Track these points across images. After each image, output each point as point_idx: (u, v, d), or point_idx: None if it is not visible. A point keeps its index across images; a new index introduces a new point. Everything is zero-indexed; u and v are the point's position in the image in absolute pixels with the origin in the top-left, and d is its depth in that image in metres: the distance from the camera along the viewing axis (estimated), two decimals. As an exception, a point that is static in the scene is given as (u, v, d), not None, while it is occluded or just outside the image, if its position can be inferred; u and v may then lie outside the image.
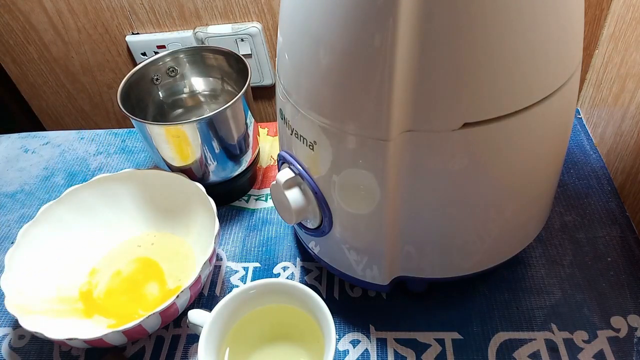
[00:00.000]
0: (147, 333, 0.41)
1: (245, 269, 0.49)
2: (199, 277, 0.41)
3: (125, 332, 0.38)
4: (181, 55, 0.54)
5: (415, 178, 0.33)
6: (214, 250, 0.43)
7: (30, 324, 0.39)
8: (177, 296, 0.39)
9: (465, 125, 0.30)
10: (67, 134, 0.69)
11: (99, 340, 0.38)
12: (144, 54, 0.72)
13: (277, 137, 0.63)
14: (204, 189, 0.48)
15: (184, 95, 0.57)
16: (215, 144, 0.48)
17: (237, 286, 0.48)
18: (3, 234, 0.56)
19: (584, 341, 0.41)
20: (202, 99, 0.58)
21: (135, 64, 0.67)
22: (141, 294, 0.47)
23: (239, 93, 0.47)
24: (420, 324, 0.43)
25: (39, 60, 0.76)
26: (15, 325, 0.47)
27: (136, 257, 0.50)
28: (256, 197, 0.57)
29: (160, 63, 0.54)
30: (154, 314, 0.38)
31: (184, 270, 0.48)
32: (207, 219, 0.47)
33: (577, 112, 0.63)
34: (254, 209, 0.55)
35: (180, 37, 0.69)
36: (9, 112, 0.83)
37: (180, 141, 0.47)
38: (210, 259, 0.42)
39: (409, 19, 0.26)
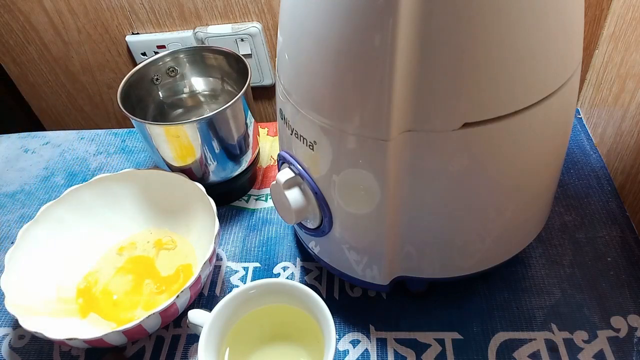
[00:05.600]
0: (147, 333, 0.41)
1: (245, 269, 0.49)
2: (199, 277, 0.41)
3: (125, 332, 0.38)
4: (181, 55, 0.54)
5: (415, 178, 0.33)
6: (214, 250, 0.43)
7: (30, 324, 0.39)
8: (177, 296, 0.39)
9: (465, 125, 0.30)
10: (67, 134, 0.69)
11: (99, 340, 0.38)
12: (144, 54, 0.72)
13: (277, 137, 0.63)
14: (204, 189, 0.48)
15: (184, 95, 0.57)
16: (215, 144, 0.48)
17: (237, 286, 0.48)
18: (3, 234, 0.56)
19: (584, 341, 0.41)
20: (202, 99, 0.57)
21: (135, 64, 0.67)
22: (141, 293, 0.47)
23: (239, 93, 0.47)
24: (420, 324, 0.43)
25: (39, 60, 0.76)
26: (15, 325, 0.47)
27: (136, 257, 0.50)
28: (256, 197, 0.57)
29: (160, 63, 0.54)
30: (154, 314, 0.38)
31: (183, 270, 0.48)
32: (207, 219, 0.47)
33: (577, 112, 0.63)
34: (254, 209, 0.55)
35: (180, 37, 0.69)
36: (9, 112, 0.83)
37: (180, 141, 0.48)
38: (210, 259, 0.42)
39: (409, 19, 0.26)
